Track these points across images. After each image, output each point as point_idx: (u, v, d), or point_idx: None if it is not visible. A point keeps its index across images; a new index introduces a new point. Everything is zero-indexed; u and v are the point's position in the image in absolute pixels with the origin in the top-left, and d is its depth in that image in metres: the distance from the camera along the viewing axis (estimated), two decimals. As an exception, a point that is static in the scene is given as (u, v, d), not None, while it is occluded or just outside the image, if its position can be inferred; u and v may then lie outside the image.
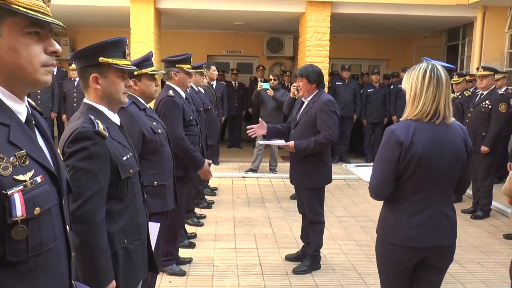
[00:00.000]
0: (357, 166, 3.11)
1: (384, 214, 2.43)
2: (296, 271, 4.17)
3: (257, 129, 4.12)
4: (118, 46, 2.04)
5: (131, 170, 2.03)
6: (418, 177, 2.24)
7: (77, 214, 1.80)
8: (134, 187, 2.07)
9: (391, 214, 2.37)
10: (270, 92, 7.32)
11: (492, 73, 6.04)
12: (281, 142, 4.11)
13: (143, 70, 2.98)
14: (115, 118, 2.10)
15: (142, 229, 2.12)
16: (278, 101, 7.27)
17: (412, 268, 2.40)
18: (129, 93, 2.94)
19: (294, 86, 6.59)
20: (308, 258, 4.23)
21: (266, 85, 7.38)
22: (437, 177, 2.26)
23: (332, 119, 3.90)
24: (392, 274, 2.42)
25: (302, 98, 4.14)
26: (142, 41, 8.09)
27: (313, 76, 3.99)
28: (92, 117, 1.93)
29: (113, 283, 1.90)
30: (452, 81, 6.80)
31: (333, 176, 4.26)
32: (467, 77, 7.63)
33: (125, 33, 8.04)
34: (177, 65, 3.96)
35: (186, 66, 3.99)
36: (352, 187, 7.68)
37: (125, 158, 2.01)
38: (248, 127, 4.07)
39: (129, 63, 2.08)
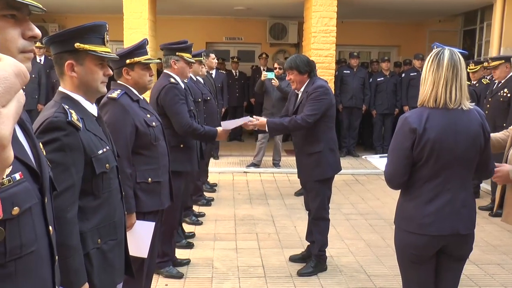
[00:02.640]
0: (381, 156, 3.14)
1: (401, 202, 2.53)
2: (301, 273, 4.15)
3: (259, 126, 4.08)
4: (97, 32, 2.02)
5: (107, 165, 2.02)
6: (433, 163, 2.34)
7: None
8: (110, 183, 2.06)
9: (407, 202, 2.47)
10: (275, 82, 7.28)
11: (503, 61, 6.00)
12: (246, 119, 4.10)
13: (136, 59, 2.94)
14: (92, 109, 2.08)
15: (118, 228, 2.11)
16: (283, 92, 7.23)
17: (433, 258, 2.48)
18: (121, 83, 2.97)
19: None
20: (313, 259, 4.21)
21: (271, 75, 7.34)
22: (452, 163, 2.35)
23: (318, 104, 3.91)
24: (411, 264, 2.50)
25: (295, 90, 4.15)
26: (136, 27, 8.05)
27: (302, 66, 4.01)
28: (66, 107, 1.92)
29: (86, 285, 1.89)
30: (468, 70, 6.75)
31: (340, 171, 4.26)
32: (484, 64, 7.58)
33: (118, 19, 8.04)
34: (177, 53, 3.94)
35: (187, 55, 3.97)
36: (360, 182, 7.65)
37: (101, 151, 1.99)
38: (249, 120, 4.04)
39: (109, 50, 2.06)
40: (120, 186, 2.18)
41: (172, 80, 3.86)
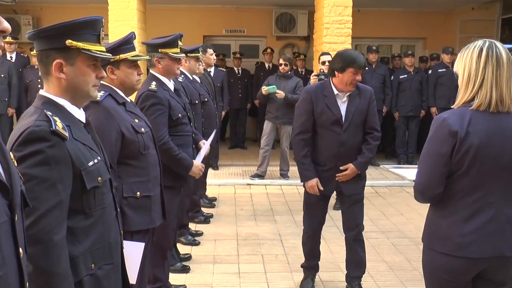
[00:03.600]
0: (395, 167, 3.19)
1: (432, 219, 2.50)
2: None
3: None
4: (92, 28, 2.02)
5: (99, 178, 2.01)
6: (474, 174, 2.31)
7: (31, 233, 1.76)
8: (103, 198, 2.05)
9: (441, 218, 2.44)
10: (280, 95, 7.32)
11: None
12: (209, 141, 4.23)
13: (122, 56, 2.95)
14: (79, 115, 2.08)
15: (114, 250, 2.10)
16: (291, 101, 7.23)
17: (469, 285, 2.45)
18: (105, 83, 2.97)
19: (315, 75, 6.64)
20: (357, 284, 4.22)
21: (272, 89, 7.42)
22: (497, 173, 2.32)
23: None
24: None
25: (340, 93, 4.00)
26: (123, 19, 8.09)
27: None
28: (49, 113, 1.91)
29: None
30: None
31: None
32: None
33: (102, 9, 8.06)
34: (160, 50, 3.91)
35: (172, 51, 3.93)
36: (381, 195, 7.63)
37: (91, 163, 1.99)
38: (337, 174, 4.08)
39: (103, 49, 2.06)
40: (115, 202, 2.17)
41: (153, 85, 3.79)
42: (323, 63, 6.81)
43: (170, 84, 3.99)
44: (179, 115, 3.94)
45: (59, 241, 1.85)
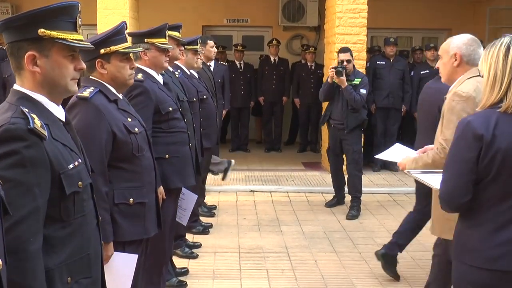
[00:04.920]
0: (422, 172, 3.20)
1: (460, 230, 2.53)
2: None
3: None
4: (67, 14, 2.02)
5: (79, 183, 2.02)
6: (504, 180, 2.33)
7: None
8: (83, 205, 2.06)
9: (470, 229, 2.47)
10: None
11: None
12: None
13: (113, 48, 2.97)
14: (58, 112, 2.09)
15: (93, 263, 2.12)
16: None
17: None
18: (94, 78, 2.99)
19: (333, 68, 6.65)
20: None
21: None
22: None
23: None
24: None
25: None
26: (114, 7, 8.12)
27: None
28: (26, 110, 1.90)
29: None
30: None
31: (374, 189, 4.28)
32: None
33: (91, -3, 8.10)
34: (146, 40, 3.91)
35: (159, 41, 3.95)
36: (399, 204, 7.62)
37: (71, 166, 2.00)
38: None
39: (81, 37, 2.06)
40: (96, 210, 2.18)
41: (139, 76, 3.82)
42: (341, 62, 6.71)
43: (159, 77, 4.00)
44: (170, 108, 3.94)
45: (35, 252, 1.84)
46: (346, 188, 7.09)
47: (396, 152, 3.84)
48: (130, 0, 8.27)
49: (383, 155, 3.92)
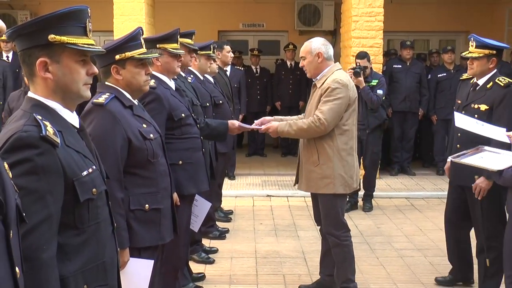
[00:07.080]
0: (463, 154, 3.16)
1: None
2: None
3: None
4: (76, 19, 2.02)
5: (94, 190, 2.02)
6: None
7: None
8: (98, 212, 2.06)
9: None
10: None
11: None
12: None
13: (128, 53, 2.98)
14: (72, 119, 2.09)
15: (109, 270, 2.11)
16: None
17: None
18: (110, 84, 3.01)
19: (351, 69, 6.67)
20: None
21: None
22: None
23: None
24: None
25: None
26: (130, 13, 8.17)
27: None
28: (39, 117, 1.90)
29: None
30: None
31: (392, 193, 4.24)
32: None
33: (107, 3, 8.17)
34: (158, 45, 3.92)
35: (171, 46, 3.96)
36: (418, 208, 7.57)
37: (85, 173, 2.00)
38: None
39: (92, 41, 2.06)
40: (111, 216, 2.18)
41: (152, 82, 3.83)
42: (358, 64, 6.93)
43: (171, 83, 4.01)
44: (182, 115, 3.94)
45: (48, 260, 1.84)
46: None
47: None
48: (146, 6, 8.31)
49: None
